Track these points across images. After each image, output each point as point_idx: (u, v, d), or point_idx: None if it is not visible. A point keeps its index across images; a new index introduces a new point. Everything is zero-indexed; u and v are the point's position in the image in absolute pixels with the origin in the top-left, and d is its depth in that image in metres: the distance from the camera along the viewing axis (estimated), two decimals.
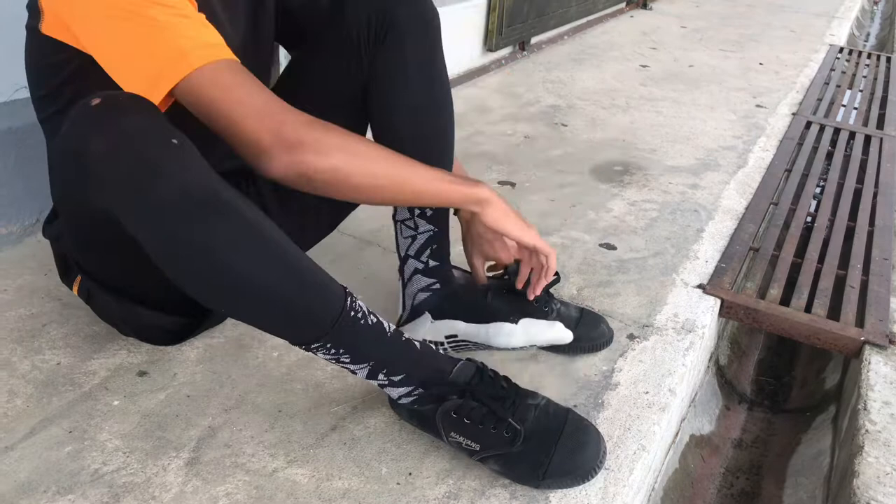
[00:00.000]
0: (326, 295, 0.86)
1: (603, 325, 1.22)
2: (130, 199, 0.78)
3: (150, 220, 0.78)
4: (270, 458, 0.96)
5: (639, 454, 1.02)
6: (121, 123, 0.78)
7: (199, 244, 0.79)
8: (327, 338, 0.87)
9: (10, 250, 1.38)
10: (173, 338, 1.12)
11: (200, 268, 0.80)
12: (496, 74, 2.80)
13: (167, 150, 0.78)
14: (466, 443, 0.94)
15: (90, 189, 0.80)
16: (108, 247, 0.92)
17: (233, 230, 0.79)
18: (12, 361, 1.09)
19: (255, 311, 0.86)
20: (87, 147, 0.77)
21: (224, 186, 0.81)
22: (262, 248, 0.81)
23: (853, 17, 4.78)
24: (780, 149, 2.28)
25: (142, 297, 1.02)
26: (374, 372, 0.92)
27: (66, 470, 0.92)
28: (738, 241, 1.67)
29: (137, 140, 0.77)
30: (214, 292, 0.84)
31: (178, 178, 0.77)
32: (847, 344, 1.37)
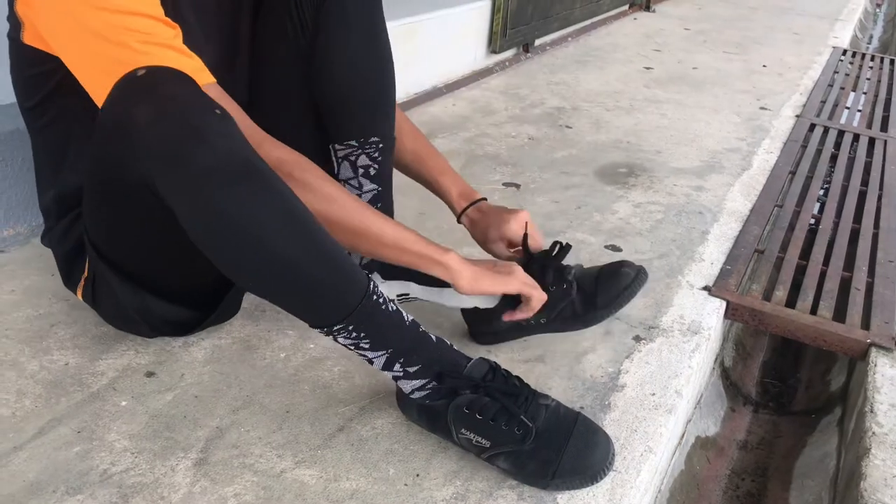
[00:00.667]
0: (353, 277, 0.87)
1: (625, 268, 1.18)
2: (171, 165, 0.79)
3: (191, 187, 0.79)
4: (278, 458, 0.97)
5: (646, 456, 1.02)
6: (166, 91, 0.79)
7: (235, 214, 0.79)
8: (350, 319, 0.88)
9: (18, 251, 1.38)
10: (181, 329, 1.13)
11: (234, 239, 0.81)
12: (500, 76, 2.80)
13: (211, 119, 0.79)
14: (477, 440, 0.94)
15: (132, 156, 0.81)
16: (132, 227, 0.93)
17: (269, 203, 0.81)
18: (20, 362, 1.10)
19: (283, 288, 0.87)
20: (132, 115, 0.79)
21: (261, 160, 0.82)
22: (295, 224, 0.83)
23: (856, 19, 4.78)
24: (784, 151, 2.28)
25: (155, 285, 1.03)
26: (391, 361, 0.93)
27: (74, 470, 0.92)
28: (742, 243, 1.67)
29: (182, 107, 0.79)
30: (245, 265, 0.84)
31: (220, 145, 0.78)
32: (853, 346, 1.37)
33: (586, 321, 1.16)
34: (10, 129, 1.34)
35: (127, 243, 0.98)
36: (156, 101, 0.79)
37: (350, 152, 1.10)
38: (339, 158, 1.11)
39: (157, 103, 0.79)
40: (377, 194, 1.13)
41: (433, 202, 1.28)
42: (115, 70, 0.82)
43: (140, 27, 0.83)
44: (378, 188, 1.13)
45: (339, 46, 1.06)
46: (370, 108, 1.09)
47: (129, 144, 0.80)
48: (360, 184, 1.12)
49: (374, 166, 1.11)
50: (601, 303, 1.14)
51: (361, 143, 1.09)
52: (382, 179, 1.13)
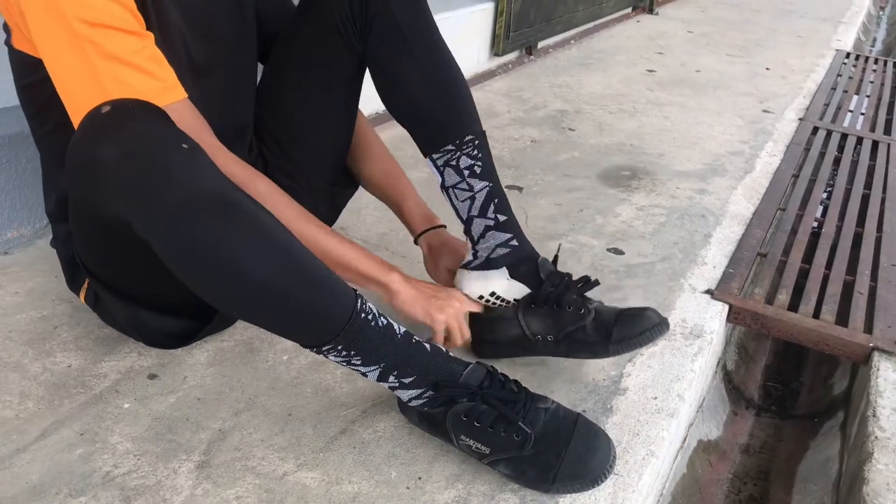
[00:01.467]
0: (338, 297, 0.87)
1: (649, 312, 1.10)
2: (142, 205, 0.78)
3: (162, 226, 0.79)
4: (280, 461, 0.97)
5: (648, 459, 1.02)
6: (131, 129, 0.78)
7: (210, 249, 0.79)
8: (339, 339, 0.87)
9: (22, 253, 1.38)
10: (178, 341, 1.12)
11: (212, 272, 0.81)
12: (503, 79, 2.80)
13: (178, 156, 0.78)
14: (476, 446, 0.94)
15: (102, 196, 0.81)
16: (117, 251, 0.93)
17: (244, 234, 0.80)
18: (24, 364, 1.10)
19: (268, 315, 0.86)
20: (99, 154, 0.78)
21: (234, 190, 0.82)
22: (274, 251, 0.82)
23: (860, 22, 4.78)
24: (787, 154, 2.28)
25: (148, 300, 1.03)
26: (384, 374, 0.92)
27: (77, 472, 0.92)
28: (745, 246, 1.67)
29: (148, 146, 0.78)
30: (227, 296, 0.84)
31: (188, 183, 0.77)
32: (856, 350, 1.37)
33: (596, 351, 1.10)
34: (14, 132, 1.35)
35: (114, 265, 0.98)
36: (121, 142, 0.78)
37: (449, 157, 1.09)
38: (440, 167, 1.10)
39: (122, 144, 0.78)
40: (490, 189, 1.10)
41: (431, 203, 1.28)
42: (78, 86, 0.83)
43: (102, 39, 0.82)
44: (489, 184, 1.11)
45: (408, 70, 1.07)
46: (456, 114, 1.09)
47: (98, 185, 0.80)
48: (469, 185, 1.10)
49: (478, 164, 1.10)
50: (616, 337, 1.08)
51: (458, 145, 1.09)
52: (490, 174, 1.11)
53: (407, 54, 1.06)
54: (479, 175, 1.10)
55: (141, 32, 0.86)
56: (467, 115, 1.10)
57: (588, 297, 1.13)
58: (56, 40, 0.82)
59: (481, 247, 1.12)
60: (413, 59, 1.06)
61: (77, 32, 0.80)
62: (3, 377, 1.07)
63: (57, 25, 0.81)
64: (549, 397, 0.99)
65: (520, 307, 1.11)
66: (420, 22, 1.07)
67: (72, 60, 0.82)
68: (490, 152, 1.13)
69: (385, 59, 1.08)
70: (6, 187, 1.36)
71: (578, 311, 1.10)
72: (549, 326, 1.10)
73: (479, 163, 1.10)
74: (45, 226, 1.44)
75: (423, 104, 1.08)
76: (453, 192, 1.11)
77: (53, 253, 1.38)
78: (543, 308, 1.10)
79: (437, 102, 1.08)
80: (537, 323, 1.11)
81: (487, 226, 1.11)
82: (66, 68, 0.83)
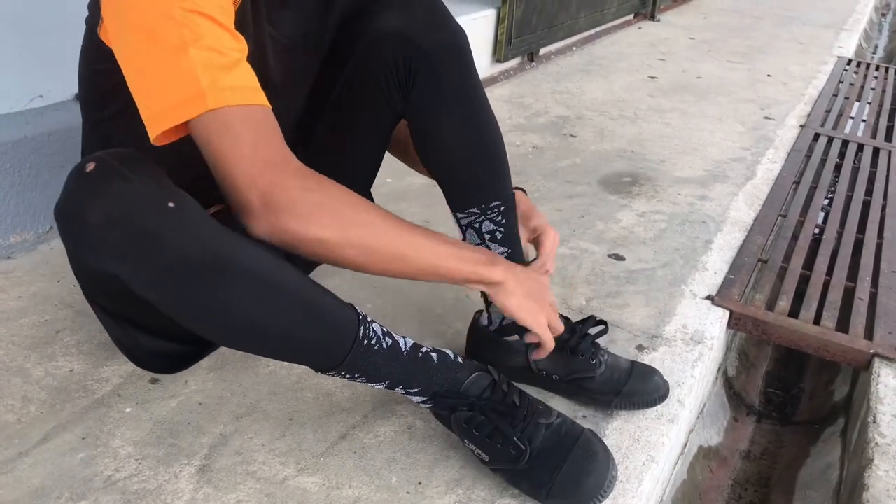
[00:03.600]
0: (339, 329, 0.87)
1: (657, 377, 1.13)
2: (131, 268, 0.78)
3: (154, 287, 0.79)
4: (281, 465, 0.97)
5: (648, 465, 1.02)
6: (115, 191, 0.76)
7: (204, 305, 0.80)
8: (341, 367, 0.88)
9: (25, 258, 1.39)
10: (170, 365, 1.09)
11: (210, 322, 0.82)
12: (505, 85, 2.81)
13: (163, 218, 0.76)
14: (477, 452, 0.95)
15: (92, 255, 0.79)
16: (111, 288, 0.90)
17: (237, 287, 0.80)
18: (26, 368, 1.10)
19: (270, 352, 0.89)
20: (84, 216, 0.77)
21: (223, 242, 0.79)
22: (270, 297, 0.82)
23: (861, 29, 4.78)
24: (788, 160, 2.28)
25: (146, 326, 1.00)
26: (390, 387, 0.93)
27: (79, 476, 0.93)
28: (746, 252, 1.67)
29: (133, 208, 0.76)
30: (227, 339, 0.87)
31: (176, 245, 0.77)
32: (856, 356, 1.37)
33: (597, 401, 1.11)
34: (17, 138, 1.36)
35: (108, 296, 0.97)
36: (106, 205, 0.76)
37: (473, 220, 1.09)
38: (463, 226, 1.10)
39: (107, 207, 0.76)
40: (508, 256, 1.10)
41: (437, 209, 1.28)
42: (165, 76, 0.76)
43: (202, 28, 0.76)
44: (508, 250, 1.10)
45: (445, 129, 1.04)
46: (488, 176, 1.07)
47: (88, 245, 0.79)
48: (488, 249, 1.10)
49: (500, 230, 1.09)
50: (626, 391, 1.09)
51: (483, 210, 1.08)
52: (510, 240, 1.10)
53: (447, 114, 1.04)
54: (500, 241, 1.10)
55: (238, 35, 0.82)
56: (498, 179, 1.08)
57: (600, 346, 1.13)
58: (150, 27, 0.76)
59: (494, 310, 1.13)
60: (452, 118, 1.04)
61: (176, 18, 0.75)
62: (6, 381, 1.07)
63: (156, 10, 0.75)
64: (555, 409, 0.98)
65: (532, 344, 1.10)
66: (464, 81, 1.04)
67: (163, 47, 0.76)
68: (516, 216, 1.12)
69: (424, 116, 1.05)
70: (10, 192, 1.37)
71: (591, 360, 1.10)
72: (557, 367, 1.10)
73: (502, 228, 1.09)
74: (47, 230, 1.45)
75: (455, 165, 1.06)
76: None
77: (56, 258, 1.39)
78: (557, 349, 1.09)
79: (468, 165, 1.06)
80: (545, 360, 1.10)
81: None
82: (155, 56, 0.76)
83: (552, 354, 1.09)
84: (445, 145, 1.05)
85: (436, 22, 1.02)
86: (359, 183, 1.18)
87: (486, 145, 1.07)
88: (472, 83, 1.05)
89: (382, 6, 1.02)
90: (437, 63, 1.02)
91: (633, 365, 1.13)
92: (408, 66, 1.02)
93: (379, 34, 1.01)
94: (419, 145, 1.08)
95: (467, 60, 1.05)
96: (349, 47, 1.04)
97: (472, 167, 1.06)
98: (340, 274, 1.04)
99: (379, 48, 1.02)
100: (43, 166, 1.40)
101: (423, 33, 1.01)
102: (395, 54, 1.01)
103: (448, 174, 1.07)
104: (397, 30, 1.00)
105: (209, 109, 0.76)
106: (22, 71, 1.43)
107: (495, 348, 1.13)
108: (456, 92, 1.03)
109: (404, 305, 1.35)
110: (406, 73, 1.02)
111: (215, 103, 0.76)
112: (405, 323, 1.28)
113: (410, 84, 1.03)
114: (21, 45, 1.40)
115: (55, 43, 1.45)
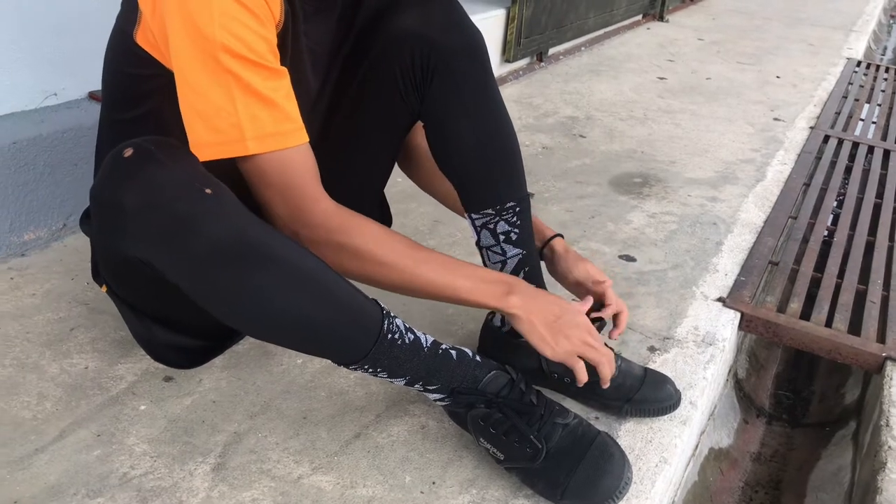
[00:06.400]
0: (364, 322, 0.88)
1: (669, 386, 1.13)
2: (166, 253, 0.80)
3: (187, 272, 0.81)
4: (295, 464, 0.97)
5: (661, 467, 1.03)
6: (152, 177, 0.78)
7: (236, 292, 0.81)
8: (364, 361, 0.88)
9: (38, 255, 1.40)
10: (188, 361, 1.10)
11: (240, 311, 0.83)
12: (514, 85, 2.81)
13: (199, 203, 0.78)
14: (493, 451, 0.95)
15: (126, 240, 0.81)
16: (138, 280, 0.92)
17: (270, 275, 0.81)
18: (41, 365, 1.11)
19: (295, 342, 0.89)
20: (121, 201, 0.78)
21: (258, 230, 0.82)
22: (299, 288, 0.83)
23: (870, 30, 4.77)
24: (798, 162, 2.28)
25: (164, 319, 1.02)
26: (410, 384, 0.93)
27: (94, 473, 0.93)
28: (757, 254, 1.67)
29: (169, 194, 0.78)
30: (254, 329, 0.87)
31: (211, 232, 0.78)
32: (868, 359, 1.37)
33: (608, 407, 1.11)
34: (32, 135, 1.36)
35: (134, 289, 0.98)
36: (143, 190, 0.78)
37: (488, 220, 1.08)
38: (478, 227, 1.10)
39: (143, 192, 0.78)
40: (522, 258, 1.10)
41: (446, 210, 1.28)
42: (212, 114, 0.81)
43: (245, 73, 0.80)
44: (522, 251, 1.10)
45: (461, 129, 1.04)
46: (504, 177, 1.07)
47: (123, 230, 0.80)
48: (503, 250, 1.10)
49: (515, 231, 1.09)
50: (637, 398, 1.09)
51: (498, 210, 1.07)
52: (525, 242, 1.10)
53: (463, 114, 1.04)
54: (515, 242, 1.09)
55: (279, 70, 0.85)
56: (513, 180, 1.08)
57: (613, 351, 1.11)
58: (198, 67, 0.80)
59: None
60: (468, 118, 1.04)
61: (222, 63, 0.79)
62: (22, 378, 1.08)
63: (202, 52, 0.79)
64: (572, 412, 0.98)
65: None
66: (480, 81, 1.04)
67: (211, 89, 0.80)
68: (530, 217, 1.12)
69: (440, 116, 1.05)
70: (24, 189, 1.37)
71: None
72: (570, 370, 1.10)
73: (517, 230, 1.09)
74: (61, 228, 1.45)
75: (471, 165, 1.06)
76: (487, 253, 1.11)
77: (69, 255, 1.40)
78: None
79: (484, 165, 1.06)
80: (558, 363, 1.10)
81: None
82: (204, 96, 0.80)
83: None
84: (461, 145, 1.05)
85: (453, 22, 1.02)
86: (372, 182, 1.19)
87: (501, 146, 1.06)
88: (489, 83, 1.05)
89: (401, 6, 1.03)
90: (453, 63, 1.02)
91: (646, 372, 1.13)
92: (425, 65, 1.02)
93: (397, 34, 1.01)
94: (434, 146, 1.08)
95: (484, 61, 1.05)
96: (367, 45, 1.04)
97: (487, 167, 1.06)
98: None
99: (396, 47, 1.02)
100: (57, 164, 1.41)
101: (441, 33, 1.01)
102: (412, 54, 1.02)
103: (463, 174, 1.07)
104: (415, 29, 1.01)
105: (249, 154, 0.83)
106: (36, 69, 1.43)
107: (507, 349, 1.13)
108: (472, 92, 1.03)
109: (415, 305, 1.34)
110: (423, 72, 1.02)
111: (256, 150, 0.83)
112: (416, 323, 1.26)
113: (427, 83, 1.03)
114: (36, 43, 1.41)
115: (70, 41, 1.46)
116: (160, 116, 0.92)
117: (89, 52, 1.50)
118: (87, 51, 1.49)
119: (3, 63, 1.37)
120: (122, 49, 0.90)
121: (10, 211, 1.36)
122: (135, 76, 0.91)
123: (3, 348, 1.14)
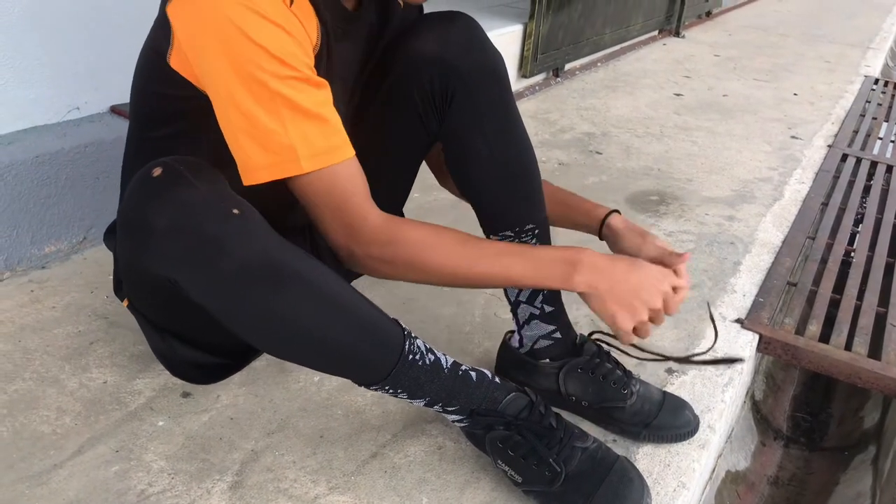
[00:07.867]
0: (386, 343, 0.88)
1: (687, 411, 1.11)
2: (194, 274, 0.80)
3: (213, 294, 0.81)
4: (312, 484, 0.97)
5: (679, 491, 1.02)
6: (181, 197, 0.79)
7: (261, 313, 0.82)
8: (385, 382, 0.89)
9: (58, 268, 1.41)
10: (207, 377, 1.11)
11: (266, 332, 0.84)
12: (530, 101, 2.82)
13: (227, 224, 0.79)
14: (511, 473, 0.95)
15: (153, 260, 0.82)
16: (162, 299, 0.93)
17: (296, 297, 0.82)
18: (61, 379, 1.12)
19: (317, 363, 0.90)
20: (149, 220, 0.79)
21: (284, 251, 0.82)
22: (324, 309, 0.83)
23: (888, 47, 4.75)
24: (816, 181, 2.26)
25: (187, 337, 1.02)
26: (430, 405, 0.93)
27: (113, 489, 0.93)
28: (775, 275, 1.66)
29: (198, 215, 0.78)
30: (277, 349, 0.88)
31: (239, 253, 0.78)
32: (889, 384, 1.35)
33: (628, 432, 1.10)
34: (55, 150, 1.38)
35: (157, 307, 0.99)
36: (170, 211, 0.78)
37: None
38: None
39: (171, 213, 0.78)
40: None
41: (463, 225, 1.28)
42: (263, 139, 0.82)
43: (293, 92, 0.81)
44: None
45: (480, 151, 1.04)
46: (523, 200, 1.07)
47: (150, 250, 0.81)
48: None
49: None
50: (655, 424, 1.09)
51: (517, 233, 1.08)
52: None
53: (482, 136, 1.04)
54: None
55: (321, 81, 0.85)
56: (533, 202, 1.08)
57: (632, 375, 1.12)
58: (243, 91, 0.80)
59: (525, 334, 1.13)
60: (487, 140, 1.04)
61: (268, 86, 0.79)
62: (41, 392, 1.09)
63: (246, 78, 0.79)
64: (592, 436, 0.98)
65: (563, 367, 1.10)
66: (500, 104, 1.04)
67: (259, 112, 0.80)
68: (549, 240, 1.11)
69: (459, 138, 1.05)
70: (46, 203, 1.39)
71: (622, 389, 1.09)
72: (587, 393, 1.09)
73: None
74: (81, 241, 1.46)
75: (490, 187, 1.06)
76: None
77: (89, 268, 1.41)
78: (588, 375, 1.09)
79: (503, 186, 1.06)
80: (576, 385, 1.10)
81: (532, 314, 1.11)
82: (252, 119, 0.81)
83: (583, 381, 1.09)
84: (480, 167, 1.05)
85: (473, 44, 1.02)
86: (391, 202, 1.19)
87: (521, 168, 1.06)
88: (509, 106, 1.05)
89: (421, 28, 1.03)
90: (473, 85, 1.02)
91: (665, 396, 1.12)
92: (444, 87, 1.02)
93: (417, 55, 1.02)
94: (453, 167, 1.08)
95: (504, 83, 1.04)
96: (388, 67, 1.05)
97: (506, 190, 1.06)
98: (370, 289, 1.05)
99: (416, 69, 1.02)
100: (78, 178, 1.42)
101: (461, 55, 1.01)
102: (431, 75, 1.02)
103: (482, 196, 1.07)
104: (435, 52, 1.01)
105: (304, 173, 0.84)
106: (59, 83, 1.45)
107: (525, 370, 1.13)
108: (492, 114, 1.03)
109: (432, 322, 1.35)
110: (443, 94, 1.02)
111: (310, 167, 0.84)
112: (433, 341, 1.27)
113: (447, 105, 1.03)
114: (59, 57, 1.43)
115: (93, 55, 1.48)
116: (191, 136, 0.92)
117: (112, 67, 1.51)
118: (109, 65, 1.50)
119: (26, 77, 1.39)
120: (155, 68, 0.90)
121: (32, 223, 1.38)
122: (167, 96, 0.92)
123: (24, 361, 1.15)
